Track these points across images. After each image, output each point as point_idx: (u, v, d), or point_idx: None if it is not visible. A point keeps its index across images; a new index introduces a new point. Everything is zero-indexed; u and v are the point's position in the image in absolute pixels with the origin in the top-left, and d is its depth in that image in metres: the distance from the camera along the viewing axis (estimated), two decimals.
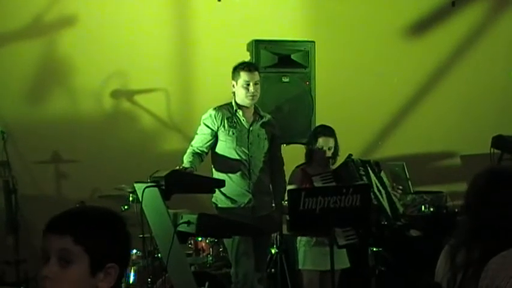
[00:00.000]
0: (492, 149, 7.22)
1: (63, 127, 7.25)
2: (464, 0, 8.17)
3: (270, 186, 5.86)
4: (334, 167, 5.86)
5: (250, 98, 5.74)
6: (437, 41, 8.22)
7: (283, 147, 6.12)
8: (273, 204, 5.88)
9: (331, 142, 5.83)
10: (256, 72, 5.76)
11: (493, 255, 2.49)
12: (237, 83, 5.75)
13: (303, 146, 6.02)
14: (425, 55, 8.20)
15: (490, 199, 2.91)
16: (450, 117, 8.17)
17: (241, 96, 5.74)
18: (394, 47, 8.13)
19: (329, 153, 5.82)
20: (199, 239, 6.24)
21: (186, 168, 5.50)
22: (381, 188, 5.72)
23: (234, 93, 5.80)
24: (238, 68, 5.77)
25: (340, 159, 5.82)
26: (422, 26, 8.23)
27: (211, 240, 6.24)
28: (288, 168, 5.95)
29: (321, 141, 5.82)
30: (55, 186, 7.28)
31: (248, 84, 5.71)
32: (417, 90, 8.23)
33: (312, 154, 5.85)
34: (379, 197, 5.60)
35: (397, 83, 8.08)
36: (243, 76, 5.72)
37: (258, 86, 5.75)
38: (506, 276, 2.33)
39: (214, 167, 5.78)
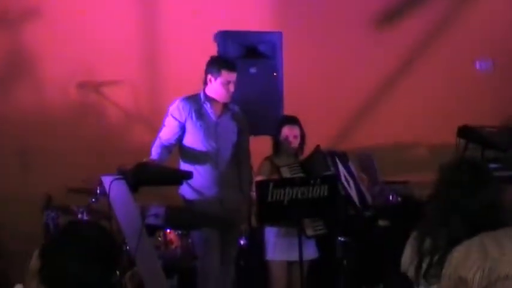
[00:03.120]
0: (458, 139, 7.28)
1: (29, 119, 7.19)
2: None
3: (238, 178, 5.85)
4: (302, 158, 5.87)
5: (228, 96, 5.72)
6: (405, 31, 8.26)
7: (251, 138, 6.11)
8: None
9: (295, 131, 5.83)
10: (236, 72, 5.73)
11: (458, 242, 2.51)
12: (215, 79, 5.68)
13: (270, 138, 6.02)
14: (392, 45, 8.24)
15: (458, 186, 2.96)
16: (417, 107, 8.22)
17: (219, 94, 5.69)
18: (361, 37, 8.15)
19: (295, 143, 5.83)
20: (168, 231, 6.22)
21: (153, 161, 5.48)
22: (349, 178, 5.75)
23: (205, 84, 5.75)
24: (219, 65, 5.68)
25: (308, 151, 5.84)
26: (389, 17, 8.26)
27: (181, 232, 6.22)
28: (256, 160, 5.95)
29: (285, 131, 5.82)
30: (22, 179, 7.21)
31: (228, 84, 5.67)
32: (385, 80, 8.27)
33: (279, 145, 5.85)
34: (347, 187, 5.64)
35: (365, 73, 8.11)
36: (225, 75, 5.65)
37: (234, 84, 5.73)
38: (472, 266, 2.35)
39: (181, 159, 5.76)
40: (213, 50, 6.25)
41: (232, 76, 5.68)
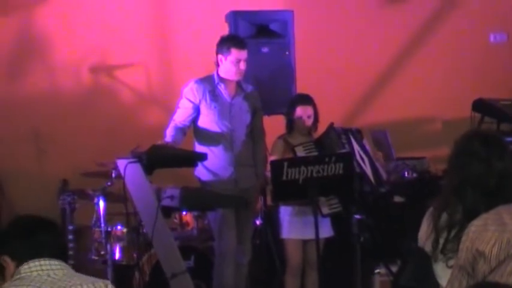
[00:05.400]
0: (473, 113, 7.25)
1: (42, 104, 7.20)
2: None
3: (253, 158, 5.84)
4: (316, 135, 5.85)
5: (240, 74, 5.69)
6: (417, 6, 8.19)
7: (265, 117, 6.10)
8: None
9: (309, 110, 5.81)
10: (246, 49, 5.70)
11: (475, 216, 2.51)
12: (225, 59, 5.65)
13: (283, 116, 6.00)
14: (404, 20, 8.18)
15: (473, 158, 2.95)
16: (431, 82, 8.17)
17: (230, 73, 5.67)
18: (373, 12, 8.09)
19: (309, 122, 5.81)
20: (184, 212, 6.23)
21: (168, 143, 5.48)
22: (363, 155, 5.73)
23: (217, 65, 5.73)
24: (228, 43, 5.64)
25: (322, 128, 5.82)
26: None
27: (196, 214, 6.23)
28: (270, 139, 5.94)
29: (299, 111, 5.79)
30: (37, 164, 7.23)
31: (239, 62, 5.64)
32: (397, 56, 8.21)
33: (292, 124, 5.83)
34: (362, 164, 5.62)
35: (377, 48, 8.06)
36: (235, 54, 5.62)
37: (245, 62, 5.70)
38: (490, 239, 2.34)
39: (196, 141, 5.76)
40: (224, 30, 6.23)
41: (243, 54, 5.65)
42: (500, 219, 2.35)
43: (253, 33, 6.36)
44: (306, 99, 5.85)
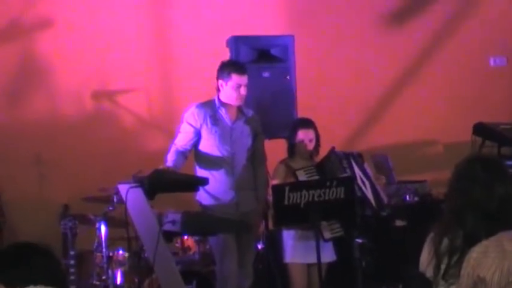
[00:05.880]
0: (474, 137, 7.27)
1: (44, 129, 7.23)
2: None
3: (254, 182, 5.85)
4: (318, 159, 5.86)
5: (241, 100, 5.72)
6: (416, 29, 8.24)
7: (266, 142, 6.11)
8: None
9: (311, 134, 5.82)
10: (246, 74, 5.73)
11: (476, 242, 2.51)
12: (226, 84, 5.68)
13: (285, 140, 6.01)
14: (404, 44, 8.22)
15: (474, 182, 2.95)
16: (431, 105, 8.20)
17: (231, 98, 5.69)
18: (372, 38, 8.14)
19: (310, 146, 5.82)
20: (185, 237, 6.23)
21: (169, 168, 5.49)
22: (364, 179, 5.73)
23: (218, 90, 5.75)
24: (229, 69, 5.68)
25: (323, 152, 5.83)
26: (401, 15, 8.24)
27: (198, 238, 6.23)
28: (272, 163, 5.95)
29: (300, 134, 5.81)
30: (38, 189, 7.24)
31: (240, 87, 5.67)
32: (398, 80, 8.25)
33: (294, 148, 5.84)
34: (363, 188, 5.62)
35: (377, 73, 8.09)
36: (236, 79, 5.65)
37: (246, 87, 5.73)
38: (490, 266, 2.34)
39: (197, 165, 5.77)
40: (225, 55, 6.26)
41: (243, 79, 5.68)
42: (500, 245, 2.36)
43: (254, 58, 6.39)
44: (307, 123, 5.87)
